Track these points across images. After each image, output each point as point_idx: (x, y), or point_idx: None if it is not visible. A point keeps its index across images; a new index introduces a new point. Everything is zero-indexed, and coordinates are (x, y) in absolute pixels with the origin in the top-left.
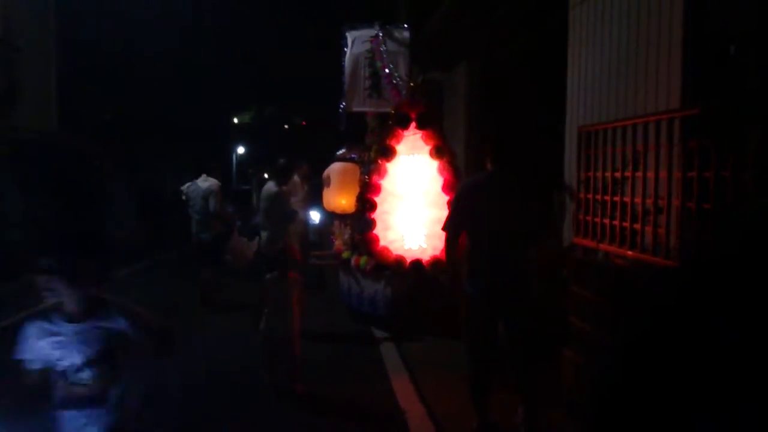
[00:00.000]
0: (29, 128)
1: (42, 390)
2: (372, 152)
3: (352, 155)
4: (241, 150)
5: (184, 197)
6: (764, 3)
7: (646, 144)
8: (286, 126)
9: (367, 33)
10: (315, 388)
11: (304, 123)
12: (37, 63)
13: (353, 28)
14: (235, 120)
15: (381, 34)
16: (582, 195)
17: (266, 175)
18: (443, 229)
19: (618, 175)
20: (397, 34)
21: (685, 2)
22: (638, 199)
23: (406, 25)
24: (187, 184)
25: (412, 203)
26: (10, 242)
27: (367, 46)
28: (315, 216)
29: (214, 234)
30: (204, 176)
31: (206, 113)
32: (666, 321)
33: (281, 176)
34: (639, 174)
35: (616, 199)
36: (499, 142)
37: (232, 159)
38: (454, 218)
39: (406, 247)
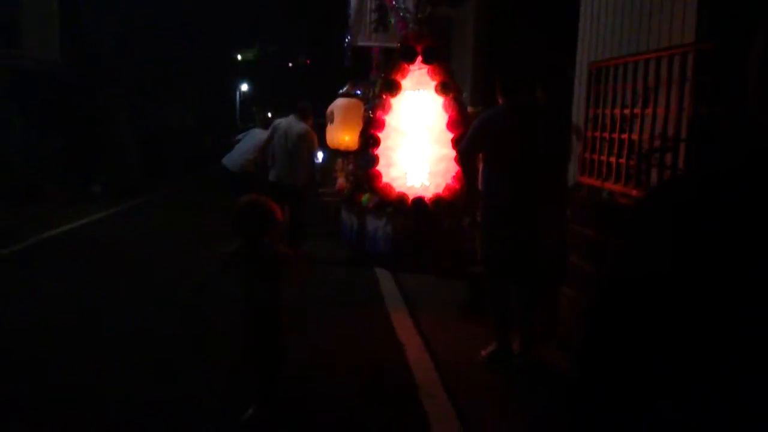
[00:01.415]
0: (31, 58)
1: None
2: (376, 87)
3: (357, 91)
4: (245, 88)
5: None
6: None
7: (658, 80)
8: (290, 64)
9: None
10: (313, 322)
11: (308, 61)
12: None
13: None
14: (239, 57)
15: None
16: (589, 133)
17: (269, 114)
18: (458, 152)
19: (627, 112)
20: None
21: None
22: (646, 137)
23: None
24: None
25: (416, 140)
26: (11, 172)
27: None
28: (318, 154)
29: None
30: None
31: (209, 50)
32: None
33: (304, 114)
34: (648, 111)
35: (624, 136)
36: (511, 77)
37: (236, 97)
38: (471, 145)
39: (408, 185)
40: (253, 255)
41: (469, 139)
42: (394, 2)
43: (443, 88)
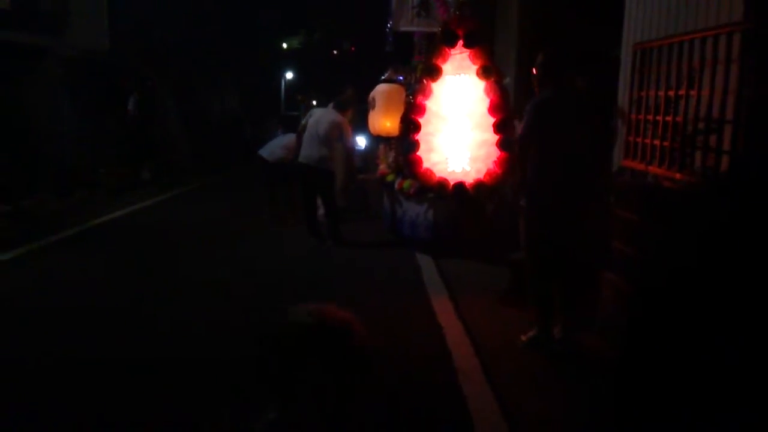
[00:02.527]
0: (81, 47)
1: None
2: (417, 72)
3: (399, 77)
4: (289, 75)
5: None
6: None
7: (703, 60)
8: (335, 51)
9: None
10: (355, 306)
11: (353, 48)
12: None
13: None
14: (284, 45)
15: None
16: (633, 116)
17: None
18: (518, 140)
19: (672, 93)
20: None
21: None
22: (691, 119)
23: None
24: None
25: (456, 125)
26: (64, 159)
27: None
28: (361, 141)
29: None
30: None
31: (256, 37)
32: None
33: (342, 107)
34: (693, 93)
35: (668, 119)
36: (556, 63)
37: (281, 85)
38: (529, 132)
39: (449, 170)
40: None
41: (528, 126)
42: None
43: (484, 72)
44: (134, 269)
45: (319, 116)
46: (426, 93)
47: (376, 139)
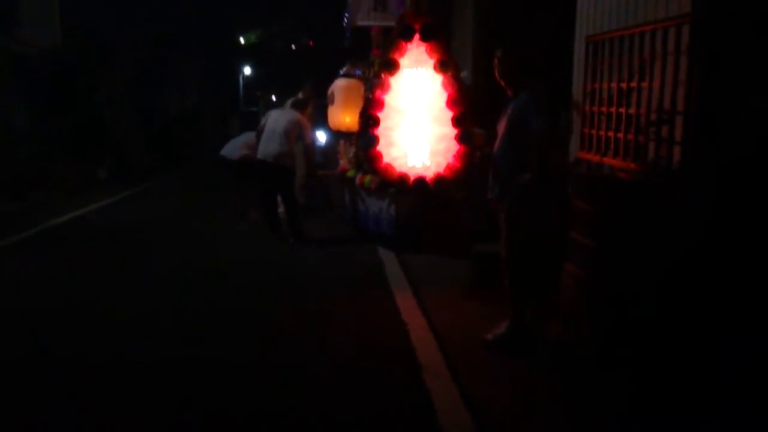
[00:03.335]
0: (32, 43)
1: None
2: (375, 66)
3: (357, 71)
4: (248, 71)
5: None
6: None
7: (654, 52)
8: (293, 46)
9: None
10: (319, 304)
11: (311, 43)
12: None
13: None
14: (242, 40)
15: None
16: (588, 108)
17: (273, 97)
18: (544, 126)
19: (624, 86)
20: None
21: None
22: (643, 111)
23: None
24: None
25: (415, 119)
26: (17, 159)
27: None
28: (321, 137)
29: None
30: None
31: (211, 32)
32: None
33: (301, 106)
34: (645, 84)
35: (622, 110)
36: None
37: (239, 80)
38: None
39: (409, 165)
40: None
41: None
42: None
43: (442, 66)
44: (93, 270)
45: (278, 116)
46: (384, 87)
47: (336, 135)
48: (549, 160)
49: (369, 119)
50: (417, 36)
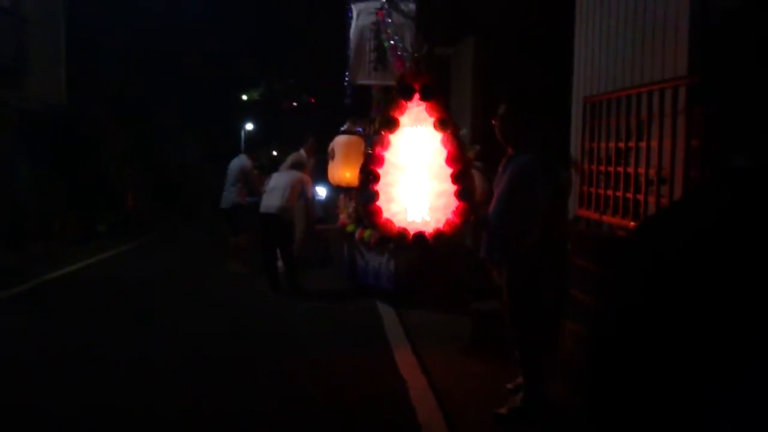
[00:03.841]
0: (38, 99)
1: None
2: (376, 124)
3: (358, 128)
4: (249, 126)
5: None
6: None
7: (651, 113)
8: (294, 103)
9: (372, 5)
10: (317, 360)
11: (312, 99)
12: (45, 33)
13: (359, 0)
14: (244, 97)
15: (386, 6)
16: (586, 166)
17: (274, 152)
18: (551, 197)
19: (622, 145)
20: (402, 6)
21: None
22: (642, 170)
23: None
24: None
25: (415, 175)
26: (18, 212)
27: (373, 18)
28: (321, 191)
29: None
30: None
31: (215, 90)
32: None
33: (300, 167)
34: (643, 144)
35: (620, 169)
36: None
37: (240, 136)
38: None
39: (409, 220)
40: None
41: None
42: (392, 42)
43: (441, 124)
44: (88, 323)
45: (280, 176)
46: (384, 144)
47: (336, 190)
48: (552, 225)
49: (369, 175)
50: (417, 95)
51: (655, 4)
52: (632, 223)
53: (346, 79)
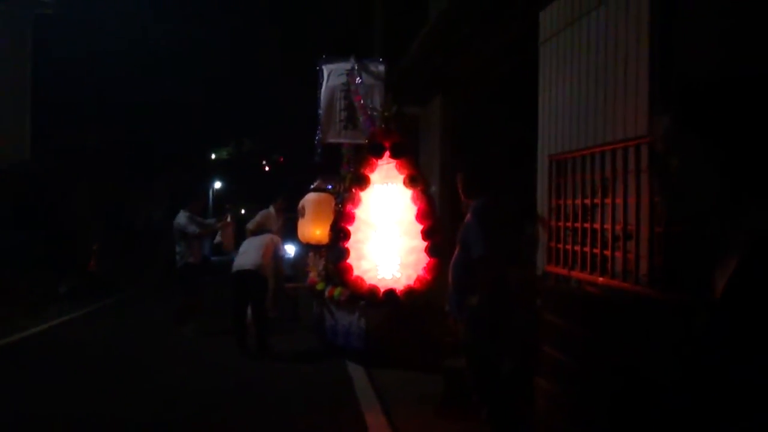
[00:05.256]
0: (1, 158)
1: None
2: (346, 181)
3: (328, 186)
4: (218, 185)
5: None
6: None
7: (615, 171)
8: (263, 162)
9: (342, 66)
10: (284, 423)
11: (281, 159)
12: (10, 93)
13: (329, 61)
14: (213, 156)
15: (356, 68)
16: (553, 223)
17: (243, 211)
18: (483, 253)
19: (588, 202)
20: (372, 67)
21: (650, 36)
22: (608, 226)
23: (381, 59)
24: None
25: (385, 232)
26: None
27: (343, 79)
28: (290, 249)
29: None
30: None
31: (183, 149)
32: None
33: (266, 230)
34: (608, 201)
35: (587, 226)
36: (485, 175)
37: (208, 194)
38: (489, 240)
39: (379, 277)
40: None
41: (486, 235)
42: (362, 101)
43: (411, 181)
44: (49, 392)
45: (250, 241)
46: (355, 201)
47: (306, 247)
48: (506, 280)
49: (339, 232)
50: (387, 153)
51: (616, 67)
52: (600, 279)
53: (317, 137)
